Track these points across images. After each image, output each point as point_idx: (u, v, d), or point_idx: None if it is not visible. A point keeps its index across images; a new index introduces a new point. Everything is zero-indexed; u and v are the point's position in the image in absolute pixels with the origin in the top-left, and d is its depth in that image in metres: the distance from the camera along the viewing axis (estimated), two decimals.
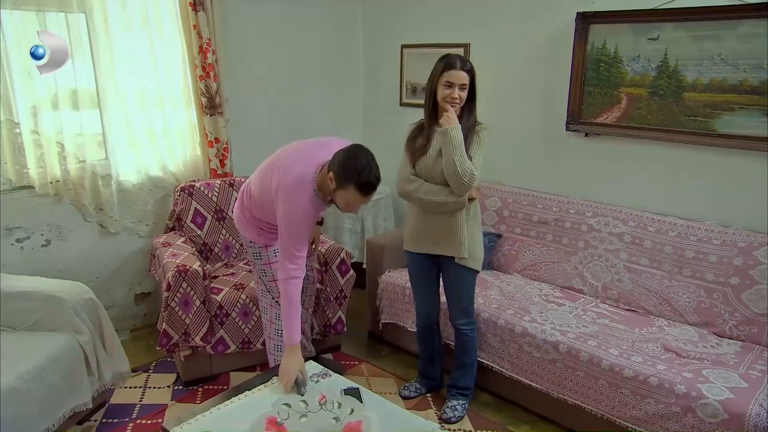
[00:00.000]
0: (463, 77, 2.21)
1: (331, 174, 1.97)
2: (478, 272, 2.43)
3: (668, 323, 2.53)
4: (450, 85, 2.22)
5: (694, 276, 2.53)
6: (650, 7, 2.60)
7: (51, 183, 2.85)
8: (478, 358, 2.60)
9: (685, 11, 2.51)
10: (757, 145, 2.43)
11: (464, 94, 2.25)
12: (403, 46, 3.73)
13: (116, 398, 2.63)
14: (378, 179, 1.96)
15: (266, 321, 2.51)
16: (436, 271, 2.47)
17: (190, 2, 3.01)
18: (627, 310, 2.67)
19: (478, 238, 2.39)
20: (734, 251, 2.45)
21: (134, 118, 3.07)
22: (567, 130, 3.00)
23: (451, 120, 2.22)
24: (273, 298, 2.43)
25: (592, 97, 2.89)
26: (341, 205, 2.05)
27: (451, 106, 2.24)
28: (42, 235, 2.90)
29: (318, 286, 2.92)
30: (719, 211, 2.60)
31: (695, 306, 2.51)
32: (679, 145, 2.67)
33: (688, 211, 2.67)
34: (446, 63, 2.23)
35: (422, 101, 2.37)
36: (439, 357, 2.68)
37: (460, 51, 3.33)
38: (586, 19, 2.81)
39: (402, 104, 3.80)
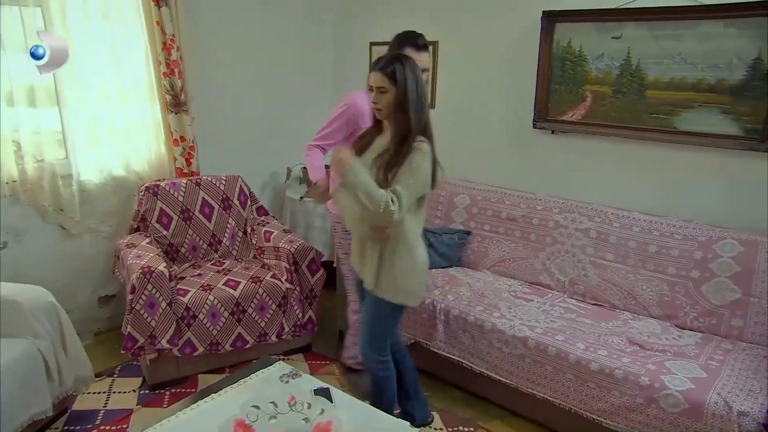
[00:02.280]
0: (378, 80, 1.96)
1: None
2: (398, 306, 2.09)
3: (633, 317, 2.58)
4: (370, 88, 2.01)
5: (657, 270, 2.59)
6: (613, 7, 2.65)
7: (7, 183, 2.75)
8: (449, 355, 2.61)
9: (647, 11, 2.57)
10: (715, 142, 2.50)
11: (385, 98, 1.96)
12: (371, 44, 3.72)
13: (79, 404, 2.56)
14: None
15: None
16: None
17: None
18: (593, 304, 2.72)
19: (401, 271, 2.03)
20: (695, 245, 2.52)
21: (95, 116, 2.98)
22: (534, 127, 3.04)
23: (341, 160, 1.84)
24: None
25: (558, 95, 2.93)
26: None
27: (376, 111, 2.02)
28: None
29: (287, 285, 2.90)
30: (680, 206, 2.67)
31: (658, 299, 2.58)
32: (642, 142, 2.74)
33: (651, 207, 2.73)
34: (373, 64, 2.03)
35: None
36: (404, 373, 2.39)
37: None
38: (551, 18, 2.85)
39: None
